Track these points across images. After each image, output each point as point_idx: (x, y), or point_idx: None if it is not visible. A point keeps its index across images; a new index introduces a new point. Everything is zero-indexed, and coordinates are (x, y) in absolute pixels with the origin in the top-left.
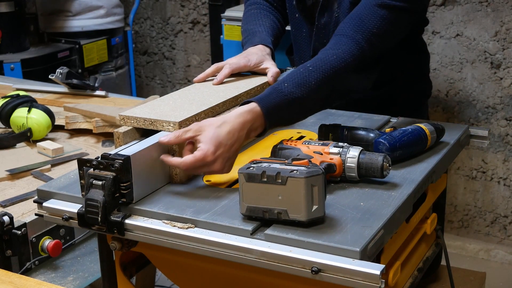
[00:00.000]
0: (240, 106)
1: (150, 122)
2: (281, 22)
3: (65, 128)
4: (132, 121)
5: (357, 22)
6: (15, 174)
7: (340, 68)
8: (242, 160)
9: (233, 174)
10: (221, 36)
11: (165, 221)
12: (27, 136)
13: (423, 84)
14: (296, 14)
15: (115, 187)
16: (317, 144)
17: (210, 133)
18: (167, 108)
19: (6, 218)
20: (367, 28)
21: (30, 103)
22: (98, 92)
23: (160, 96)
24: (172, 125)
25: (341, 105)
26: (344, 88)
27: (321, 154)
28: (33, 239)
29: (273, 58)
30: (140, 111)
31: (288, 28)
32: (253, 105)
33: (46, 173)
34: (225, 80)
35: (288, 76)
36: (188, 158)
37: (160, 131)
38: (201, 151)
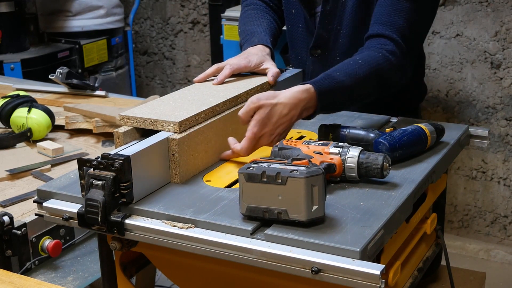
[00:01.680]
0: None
1: (150, 122)
2: (278, 22)
3: (65, 128)
4: (132, 121)
5: (388, 20)
6: (15, 174)
7: (385, 66)
8: (242, 160)
9: (233, 174)
10: (221, 36)
11: (165, 221)
12: (27, 136)
13: (418, 86)
14: (292, 10)
15: (115, 187)
16: (317, 144)
17: (262, 115)
18: (167, 108)
19: (6, 218)
20: (399, 24)
21: (30, 103)
22: (98, 92)
23: (160, 96)
24: (172, 125)
25: None
26: (388, 84)
27: (321, 154)
28: (33, 239)
29: (273, 58)
30: (140, 111)
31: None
32: (308, 86)
33: (46, 173)
34: (225, 80)
35: (339, 66)
36: (243, 143)
37: (160, 131)
38: (249, 131)
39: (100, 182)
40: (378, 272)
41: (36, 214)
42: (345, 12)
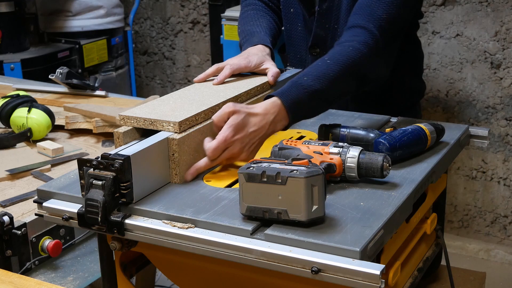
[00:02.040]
0: (264, 100)
1: (150, 122)
2: (277, 23)
3: (65, 128)
4: (132, 121)
5: (367, 11)
6: (15, 174)
7: (357, 58)
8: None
9: (233, 174)
10: (221, 36)
11: (165, 221)
12: (27, 136)
13: (416, 83)
14: (291, 9)
15: (115, 187)
16: (317, 144)
17: (236, 120)
18: (167, 108)
19: (6, 218)
20: (377, 15)
21: (30, 103)
22: (98, 92)
23: (160, 96)
24: (172, 125)
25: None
26: (363, 78)
27: (321, 154)
28: (33, 239)
29: (273, 58)
30: (140, 111)
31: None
32: (274, 99)
33: (46, 173)
34: (225, 80)
35: (307, 70)
36: (212, 142)
37: (160, 131)
38: (221, 134)
39: (100, 182)
40: (378, 272)
41: (36, 214)
42: (341, 10)
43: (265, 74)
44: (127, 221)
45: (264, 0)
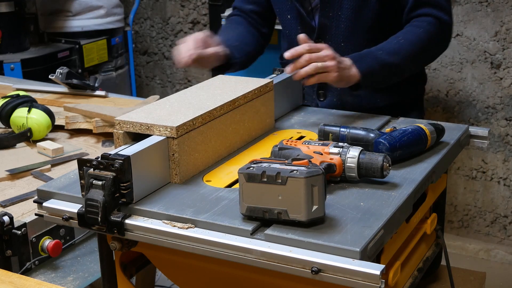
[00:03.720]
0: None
1: (147, 127)
2: (253, 32)
3: (65, 128)
4: (128, 126)
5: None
6: (15, 174)
7: (426, 39)
8: (242, 160)
9: (233, 174)
10: None
11: (165, 221)
12: (27, 136)
13: (420, 76)
14: (288, 16)
15: (115, 187)
16: (317, 144)
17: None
18: (164, 112)
19: (6, 218)
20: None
21: (30, 103)
22: (98, 92)
23: (160, 96)
24: (169, 130)
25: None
26: (430, 56)
27: (321, 154)
28: (33, 239)
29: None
30: (136, 115)
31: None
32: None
33: (46, 173)
34: (222, 83)
35: (381, 45)
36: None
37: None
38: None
39: (100, 182)
40: (378, 272)
41: (36, 214)
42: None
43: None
44: (127, 221)
45: (244, 14)
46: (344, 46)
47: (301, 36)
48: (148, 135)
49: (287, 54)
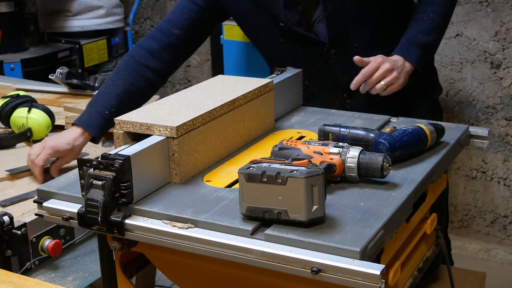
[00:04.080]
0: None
1: (147, 127)
2: (148, 77)
3: (65, 128)
4: (128, 126)
5: None
6: (15, 174)
7: (448, 5)
8: (242, 160)
9: (233, 174)
10: (221, 36)
11: (165, 221)
12: (27, 136)
13: (433, 82)
14: (266, 37)
15: (115, 187)
16: (317, 144)
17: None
18: (164, 112)
19: (6, 218)
20: None
21: (30, 103)
22: None
23: (160, 96)
24: (169, 130)
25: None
26: (452, 10)
27: (321, 154)
28: (33, 239)
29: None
30: (136, 115)
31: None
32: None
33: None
34: (222, 83)
35: (417, 27)
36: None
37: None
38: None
39: (100, 182)
40: (378, 272)
41: (36, 214)
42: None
43: None
44: (127, 221)
45: (150, 48)
46: (357, 48)
47: (356, 58)
48: (148, 135)
49: (352, 87)
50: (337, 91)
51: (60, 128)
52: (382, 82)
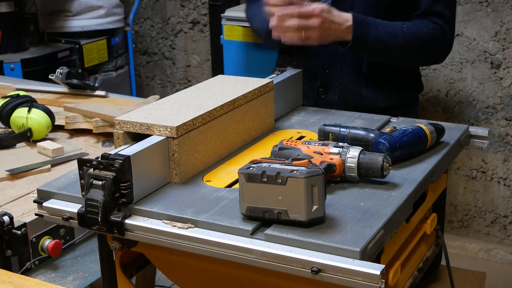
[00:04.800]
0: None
1: (147, 127)
2: None
3: (65, 128)
4: (128, 126)
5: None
6: (15, 174)
7: (428, 38)
8: (242, 160)
9: (233, 174)
10: (221, 36)
11: (165, 221)
12: (27, 136)
13: (415, 79)
14: None
15: (115, 187)
16: (317, 144)
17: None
18: (164, 112)
19: (6, 218)
20: (452, 7)
21: (30, 103)
22: (98, 92)
23: (160, 96)
24: (169, 130)
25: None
26: (422, 57)
27: (321, 154)
28: (33, 239)
29: None
30: (136, 115)
31: None
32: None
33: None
34: (222, 83)
35: (384, 24)
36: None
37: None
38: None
39: (100, 182)
40: (378, 272)
41: (36, 214)
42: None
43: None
44: (127, 221)
45: None
46: None
47: None
48: (148, 135)
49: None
50: (314, 83)
51: (60, 128)
52: (301, 23)
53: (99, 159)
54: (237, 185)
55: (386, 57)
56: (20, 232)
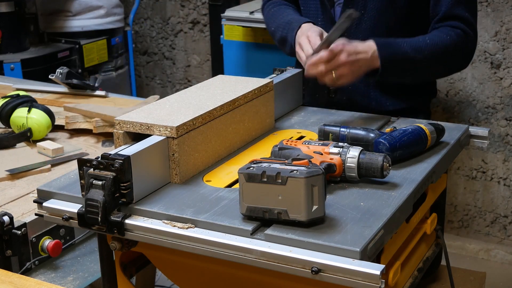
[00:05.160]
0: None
1: (147, 127)
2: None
3: (65, 128)
4: (128, 126)
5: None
6: (15, 174)
7: (451, 46)
8: (242, 160)
9: (233, 174)
10: (221, 36)
11: (165, 221)
12: (27, 136)
13: (432, 87)
14: (311, 5)
15: (115, 187)
16: (317, 144)
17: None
18: (164, 112)
19: (6, 218)
20: (472, 9)
21: (30, 103)
22: (98, 92)
23: (160, 96)
24: (169, 130)
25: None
26: (448, 66)
27: (321, 154)
28: (33, 239)
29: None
30: (136, 115)
31: None
32: (372, 44)
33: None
34: (222, 83)
35: (407, 40)
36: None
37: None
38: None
39: (100, 182)
40: (378, 272)
41: (36, 214)
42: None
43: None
44: (127, 221)
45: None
46: None
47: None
48: (148, 135)
49: (306, 74)
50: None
51: (60, 128)
52: (333, 74)
53: (99, 159)
54: (237, 185)
55: (414, 74)
56: (20, 232)
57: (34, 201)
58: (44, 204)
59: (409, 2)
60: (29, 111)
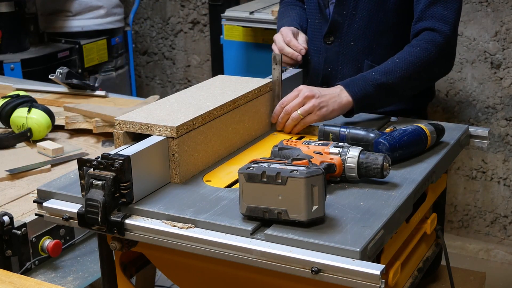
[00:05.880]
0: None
1: (147, 127)
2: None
3: (65, 128)
4: (128, 126)
5: (435, 13)
6: (15, 174)
7: (424, 57)
8: (242, 160)
9: (233, 174)
10: (221, 36)
11: (165, 221)
12: (27, 136)
13: (429, 89)
14: (311, 4)
15: (115, 187)
16: (317, 144)
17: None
18: (164, 112)
19: (6, 218)
20: (445, 15)
21: (30, 103)
22: (98, 92)
23: (160, 96)
24: (169, 130)
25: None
26: (431, 74)
27: (321, 154)
28: (33, 239)
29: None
30: (136, 115)
31: None
32: (340, 88)
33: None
34: (222, 83)
35: (376, 68)
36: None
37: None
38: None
39: (100, 182)
40: (378, 272)
41: (36, 214)
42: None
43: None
44: (127, 221)
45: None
46: (353, 46)
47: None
48: (148, 135)
49: (272, 120)
50: (316, 80)
51: (60, 128)
52: (298, 111)
53: (99, 159)
54: (237, 185)
55: (396, 95)
56: (20, 232)
57: (34, 201)
58: (44, 204)
59: (399, 3)
60: (29, 111)
